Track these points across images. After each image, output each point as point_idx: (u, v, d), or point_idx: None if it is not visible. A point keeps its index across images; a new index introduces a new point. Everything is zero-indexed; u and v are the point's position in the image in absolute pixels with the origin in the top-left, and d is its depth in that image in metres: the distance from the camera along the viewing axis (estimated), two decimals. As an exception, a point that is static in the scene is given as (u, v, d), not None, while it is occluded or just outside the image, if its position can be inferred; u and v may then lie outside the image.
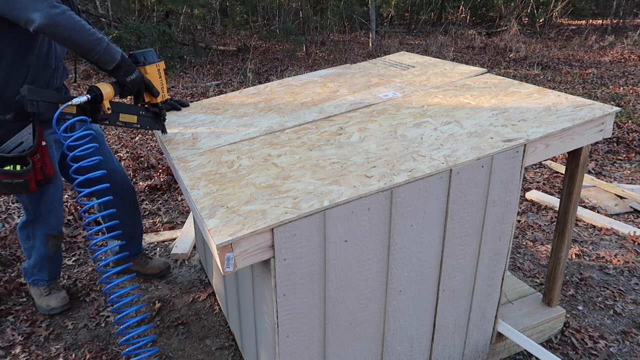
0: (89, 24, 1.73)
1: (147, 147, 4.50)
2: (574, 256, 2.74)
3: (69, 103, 1.66)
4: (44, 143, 1.86)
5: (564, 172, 2.53)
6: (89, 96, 1.70)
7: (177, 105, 2.26)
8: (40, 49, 1.83)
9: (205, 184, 1.49)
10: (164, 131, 1.97)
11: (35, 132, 1.83)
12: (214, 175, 1.54)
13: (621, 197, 3.39)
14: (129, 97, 1.84)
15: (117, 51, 1.72)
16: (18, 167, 1.80)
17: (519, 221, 3.13)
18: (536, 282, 2.53)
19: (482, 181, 1.56)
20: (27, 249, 2.24)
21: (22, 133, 1.83)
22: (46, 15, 1.54)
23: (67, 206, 3.28)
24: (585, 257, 2.74)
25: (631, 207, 3.27)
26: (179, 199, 3.50)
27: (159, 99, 1.89)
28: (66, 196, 3.46)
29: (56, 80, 1.96)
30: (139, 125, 1.90)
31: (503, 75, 7.30)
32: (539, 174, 3.87)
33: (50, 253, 2.22)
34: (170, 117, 2.15)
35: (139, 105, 1.89)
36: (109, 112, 1.76)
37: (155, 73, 1.87)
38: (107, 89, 1.73)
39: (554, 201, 3.31)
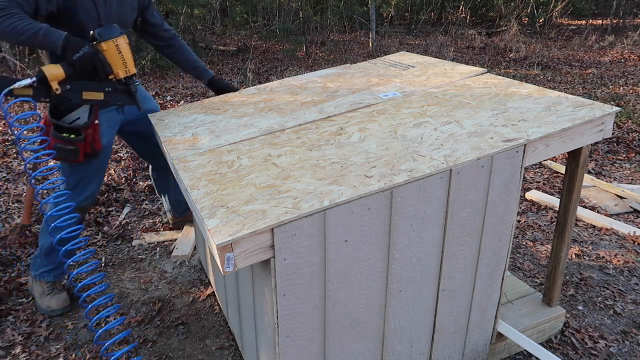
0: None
1: (147, 147, 4.49)
2: (574, 256, 2.74)
3: (11, 87, 1.79)
4: (96, 122, 2.04)
5: (564, 172, 2.53)
6: (34, 79, 1.81)
7: (225, 87, 2.47)
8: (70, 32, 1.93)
9: (205, 184, 1.49)
10: (138, 107, 2.05)
11: (92, 111, 2.02)
12: (214, 175, 1.54)
13: (621, 197, 3.39)
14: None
15: (60, 35, 1.83)
16: (72, 136, 1.98)
17: (519, 221, 3.13)
18: (536, 282, 2.53)
19: (482, 181, 1.57)
20: (42, 231, 2.28)
21: (80, 110, 2.01)
22: None
23: (67, 206, 3.28)
24: (585, 257, 2.74)
25: (631, 207, 3.27)
26: (179, 199, 3.50)
27: (122, 74, 1.95)
28: (66, 196, 3.46)
29: None
30: (108, 102, 2.00)
31: (503, 75, 7.30)
32: (539, 174, 3.87)
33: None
34: (170, 117, 2.15)
35: (107, 82, 1.97)
36: (58, 92, 1.85)
37: (113, 49, 1.91)
38: (53, 70, 1.83)
39: (554, 201, 3.31)
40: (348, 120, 1.86)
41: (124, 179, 3.76)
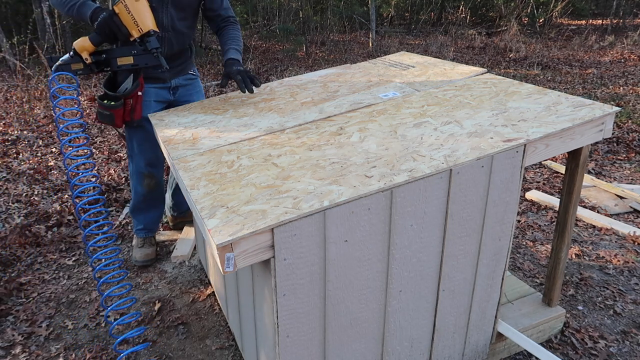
0: None
1: (147, 147, 4.49)
2: (574, 256, 2.74)
3: (58, 63, 2.00)
4: (140, 93, 2.20)
5: (564, 172, 2.53)
6: (71, 53, 2.02)
7: (248, 80, 2.23)
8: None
9: (205, 184, 1.49)
10: (164, 65, 2.09)
11: (135, 82, 2.16)
12: (214, 175, 1.54)
13: (621, 197, 3.39)
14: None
15: (90, 7, 2.02)
16: (112, 103, 2.14)
17: (519, 221, 3.13)
18: (536, 282, 2.53)
19: (482, 181, 1.57)
20: (133, 191, 2.59)
21: (128, 81, 2.17)
22: None
23: (66, 206, 3.29)
24: (585, 257, 2.74)
25: (631, 207, 3.27)
26: (179, 199, 3.50)
27: (136, 34, 2.01)
28: (66, 196, 3.46)
29: (165, 48, 2.27)
30: (138, 64, 2.11)
31: (503, 75, 7.30)
32: (539, 174, 3.87)
33: (144, 192, 2.54)
34: (170, 117, 2.15)
35: (133, 45, 2.08)
36: (88, 61, 2.01)
37: (123, 10, 1.98)
38: (80, 42, 1.99)
39: (554, 201, 3.31)
40: (348, 120, 1.86)
41: (124, 179, 3.76)
